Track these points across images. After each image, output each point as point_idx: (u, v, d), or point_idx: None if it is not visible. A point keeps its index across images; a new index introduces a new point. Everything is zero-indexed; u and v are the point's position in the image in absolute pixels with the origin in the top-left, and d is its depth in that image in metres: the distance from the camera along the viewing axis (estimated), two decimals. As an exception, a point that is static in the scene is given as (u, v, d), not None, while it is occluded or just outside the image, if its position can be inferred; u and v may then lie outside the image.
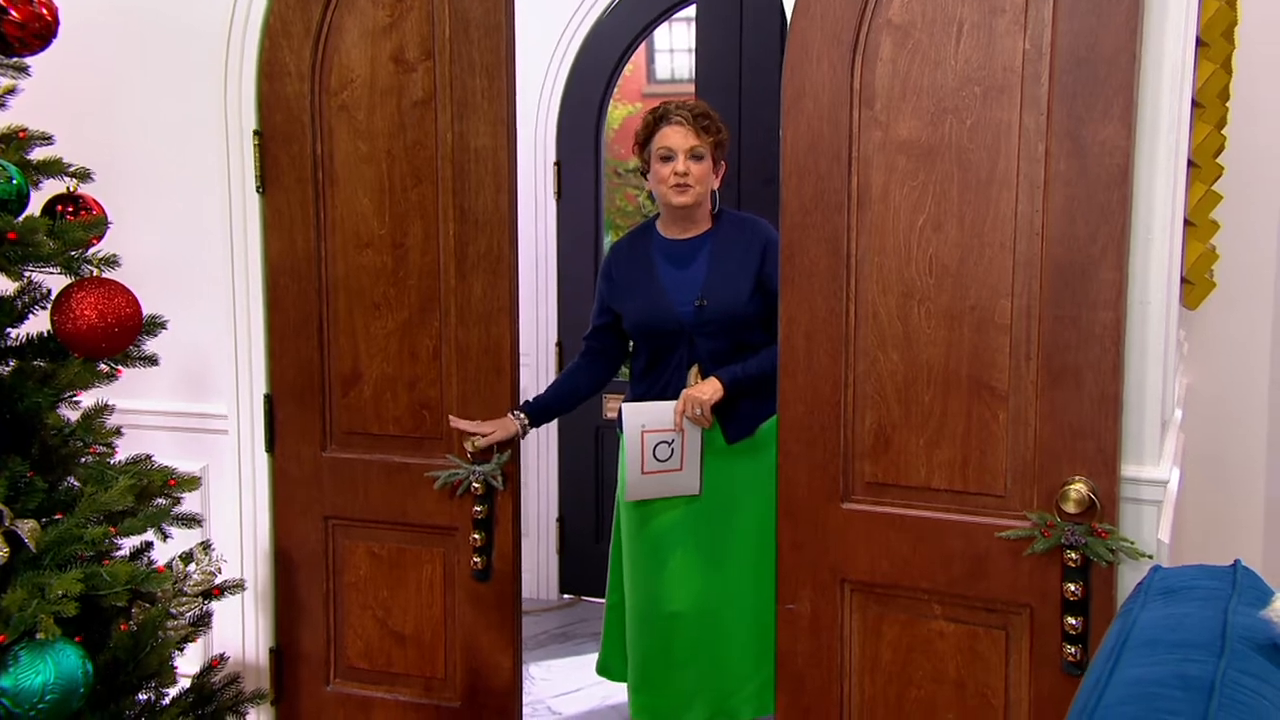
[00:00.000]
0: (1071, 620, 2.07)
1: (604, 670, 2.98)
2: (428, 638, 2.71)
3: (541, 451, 4.45)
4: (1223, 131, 2.52)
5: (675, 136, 2.69)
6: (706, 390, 2.65)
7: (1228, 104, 2.53)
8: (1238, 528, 3.07)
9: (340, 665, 2.80)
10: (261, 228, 2.73)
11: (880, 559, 2.27)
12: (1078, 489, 2.05)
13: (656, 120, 2.73)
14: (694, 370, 2.72)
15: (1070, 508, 2.05)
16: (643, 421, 2.67)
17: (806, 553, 2.33)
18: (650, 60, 6.04)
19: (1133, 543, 2.05)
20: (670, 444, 2.67)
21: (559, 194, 4.42)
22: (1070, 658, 2.08)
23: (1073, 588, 2.06)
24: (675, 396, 2.69)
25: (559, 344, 4.43)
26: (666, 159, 2.70)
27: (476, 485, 2.58)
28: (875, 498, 2.27)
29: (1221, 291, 2.73)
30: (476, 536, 2.60)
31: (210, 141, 2.74)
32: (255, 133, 2.70)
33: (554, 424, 4.48)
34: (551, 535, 4.53)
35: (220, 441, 2.81)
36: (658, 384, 2.76)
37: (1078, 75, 2.02)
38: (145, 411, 2.81)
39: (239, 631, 2.81)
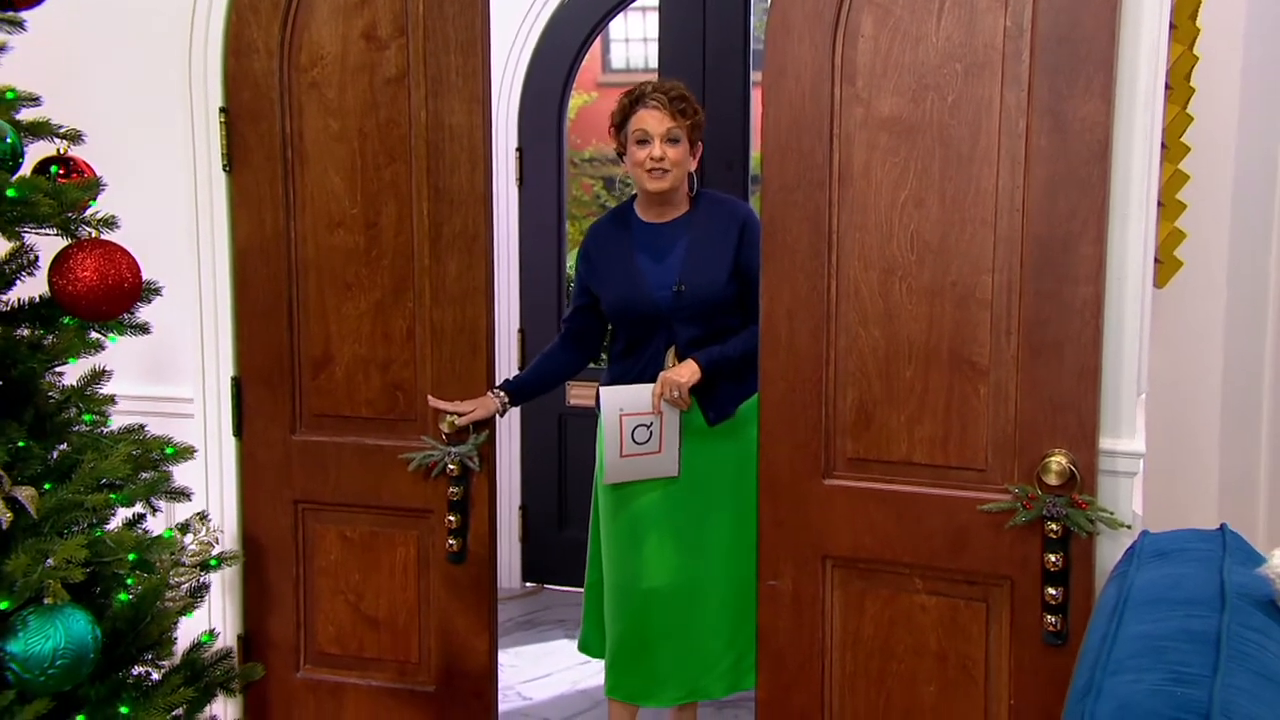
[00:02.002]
0: (1052, 591, 2.11)
1: (585, 648, 2.98)
2: (401, 621, 2.68)
3: (505, 439, 4.42)
4: (1188, 111, 2.58)
5: (650, 120, 2.66)
6: (684, 373, 2.66)
7: (1191, 83, 2.58)
8: (1191, 509, 3.13)
9: (310, 651, 2.75)
10: (229, 208, 2.67)
11: (862, 534, 2.28)
12: (1059, 461, 2.08)
13: (632, 103, 2.70)
14: (671, 353, 2.72)
15: (1052, 479, 2.08)
16: (620, 405, 2.66)
17: (788, 530, 2.34)
18: (606, 50, 6.03)
19: (1112, 513, 2.08)
20: (649, 427, 2.67)
21: (521, 181, 4.39)
22: (1051, 627, 2.12)
23: (1054, 558, 2.09)
24: (653, 380, 2.69)
25: (521, 330, 4.41)
26: (642, 143, 2.67)
27: (452, 467, 2.56)
28: (857, 473, 2.29)
29: (1183, 271, 2.79)
30: (452, 518, 2.58)
31: (175, 119, 2.68)
32: (222, 110, 2.64)
33: (517, 411, 4.46)
34: (514, 523, 4.50)
35: (185, 426, 2.74)
36: (635, 367, 2.76)
37: (1059, 52, 2.04)
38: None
39: (205, 618, 2.75)
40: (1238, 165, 2.88)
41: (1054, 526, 2.09)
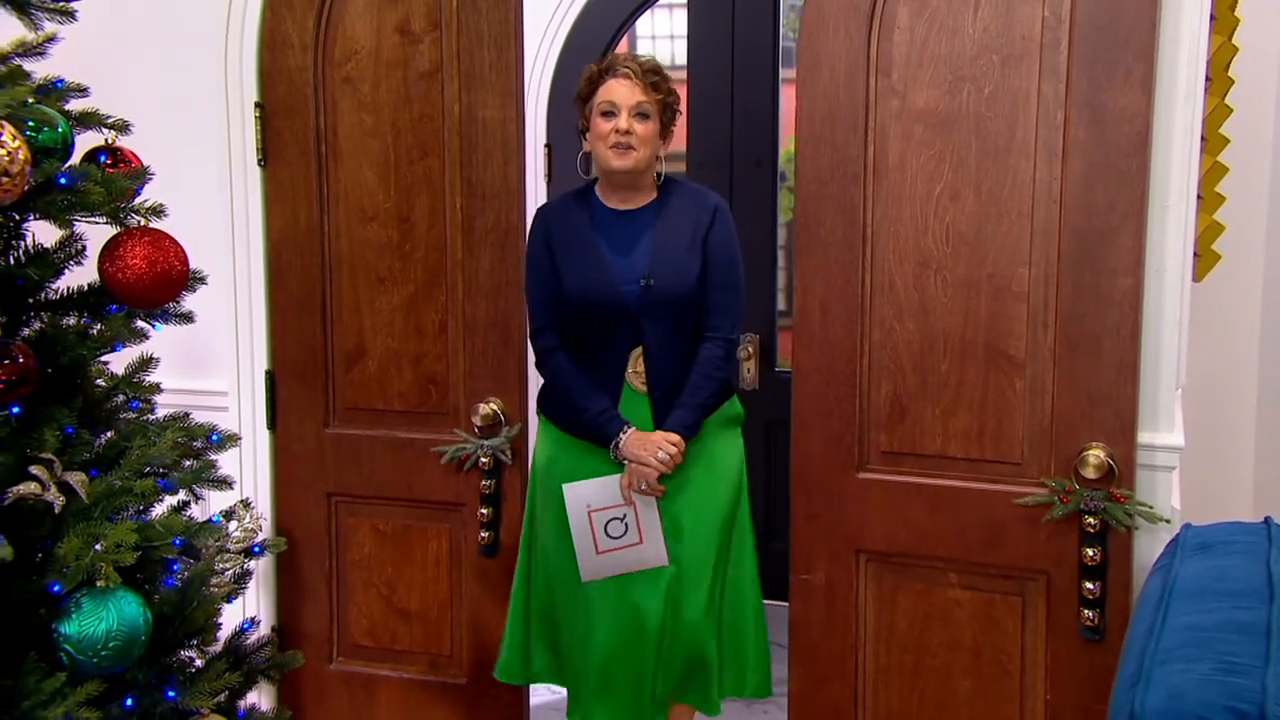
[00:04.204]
0: (1089, 585, 2.09)
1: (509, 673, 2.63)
2: (434, 614, 2.69)
3: (532, 435, 4.42)
4: (1228, 102, 2.55)
5: (620, 90, 2.34)
6: (650, 459, 2.31)
7: (1230, 74, 2.56)
8: (1227, 502, 3.11)
9: (343, 643, 2.77)
10: (263, 202, 2.69)
11: (896, 528, 2.28)
12: (1096, 454, 2.07)
13: (601, 73, 2.39)
14: (636, 354, 2.40)
15: (1090, 473, 2.07)
16: (587, 500, 2.37)
17: (821, 524, 2.33)
18: (633, 47, 6.03)
19: (1151, 507, 2.07)
20: (622, 519, 2.37)
21: (549, 177, 4.40)
22: (1088, 622, 2.10)
23: (1091, 553, 2.08)
24: (615, 384, 2.40)
25: (549, 327, 4.41)
26: (608, 115, 2.35)
27: (484, 460, 2.56)
28: (891, 467, 2.28)
29: (1221, 265, 2.77)
30: (484, 511, 2.59)
31: (210, 114, 2.70)
32: (257, 105, 2.66)
33: (535, 410, 4.45)
34: (542, 519, 4.50)
35: (220, 419, 2.75)
36: (594, 371, 2.43)
37: (1097, 42, 2.03)
38: (143, 388, 2.76)
39: (240, 610, 2.76)
40: (1276, 158, 2.85)
41: (1091, 521, 2.08)
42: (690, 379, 2.39)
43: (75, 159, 1.72)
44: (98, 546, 1.45)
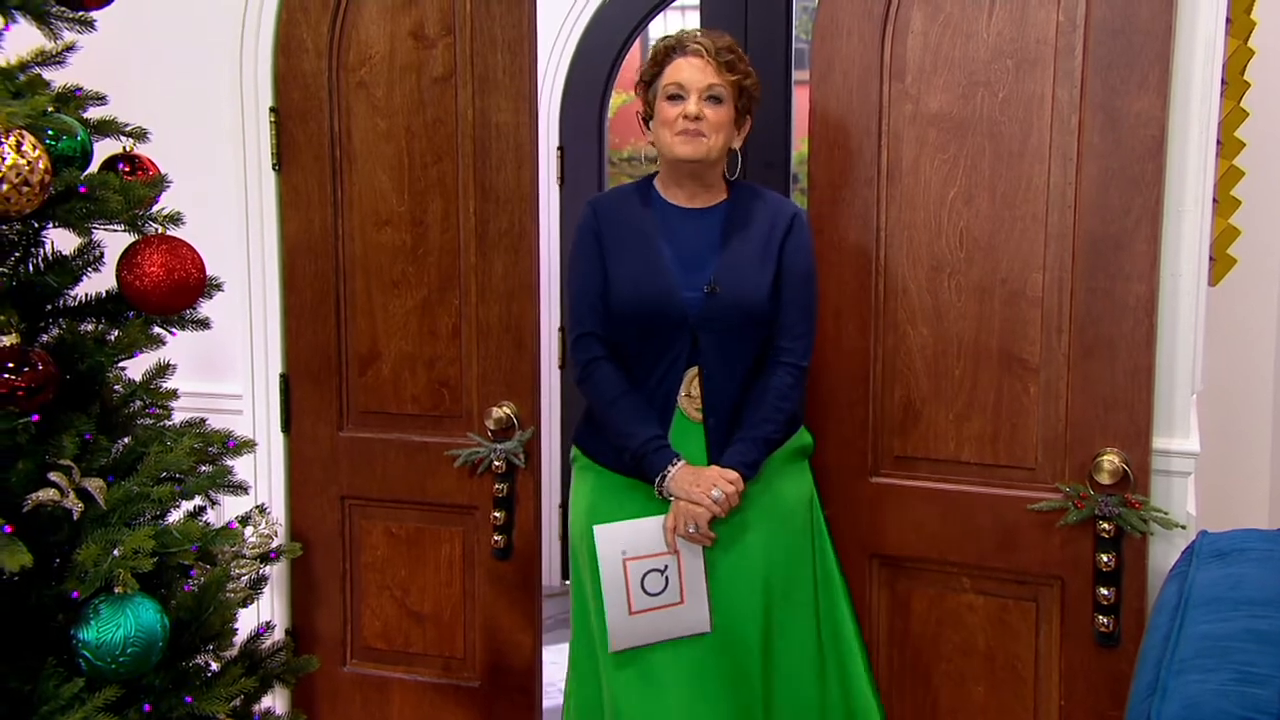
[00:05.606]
0: (1104, 591, 2.09)
1: None
2: (447, 617, 2.70)
3: (545, 438, 4.42)
4: (1243, 106, 2.55)
5: (689, 70, 2.09)
6: (702, 497, 2.03)
7: (1246, 78, 2.55)
8: (1242, 508, 3.10)
9: (357, 646, 2.78)
10: (278, 206, 2.70)
11: (909, 533, 2.27)
12: (1111, 460, 2.06)
13: (668, 51, 2.14)
14: (691, 376, 2.13)
15: (1104, 479, 2.06)
16: (622, 547, 2.08)
17: (834, 528, 2.32)
18: (645, 50, 6.04)
19: (1166, 513, 2.06)
20: (663, 572, 2.07)
21: (562, 181, 4.40)
22: (1103, 628, 2.10)
23: (1106, 558, 2.07)
24: (666, 411, 2.13)
25: (562, 329, 4.41)
26: (675, 99, 2.09)
27: (498, 463, 2.57)
28: (904, 472, 2.28)
29: (1237, 269, 2.76)
30: (497, 515, 2.59)
31: (225, 119, 2.71)
32: (272, 110, 2.67)
33: (555, 408, 4.47)
34: (554, 521, 4.51)
35: (235, 422, 2.76)
36: (640, 392, 2.15)
37: (1113, 46, 2.03)
38: (159, 391, 2.77)
39: (255, 613, 2.78)
40: (1291, 161, 2.83)
41: (1106, 526, 2.07)
42: (756, 408, 2.11)
43: (94, 167, 1.74)
44: (116, 553, 1.47)
